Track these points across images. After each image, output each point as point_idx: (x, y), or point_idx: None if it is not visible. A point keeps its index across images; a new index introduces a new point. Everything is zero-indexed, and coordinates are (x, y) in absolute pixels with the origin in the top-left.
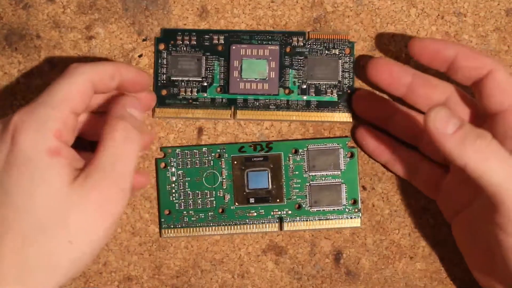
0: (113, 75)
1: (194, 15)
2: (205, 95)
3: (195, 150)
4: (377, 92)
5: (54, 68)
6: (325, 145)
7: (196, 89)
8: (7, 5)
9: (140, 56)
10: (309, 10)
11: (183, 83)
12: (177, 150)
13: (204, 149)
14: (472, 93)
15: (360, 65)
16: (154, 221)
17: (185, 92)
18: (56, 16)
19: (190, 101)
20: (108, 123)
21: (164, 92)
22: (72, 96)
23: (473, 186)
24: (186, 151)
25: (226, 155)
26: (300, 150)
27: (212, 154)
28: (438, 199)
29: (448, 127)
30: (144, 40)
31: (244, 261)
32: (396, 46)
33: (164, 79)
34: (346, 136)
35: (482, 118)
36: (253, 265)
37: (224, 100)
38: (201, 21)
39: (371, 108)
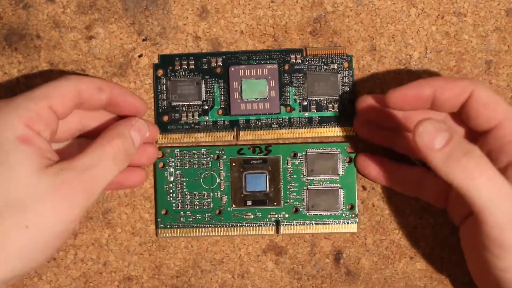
0: (101, 87)
1: (194, 15)
2: (207, 118)
3: (193, 151)
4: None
5: (54, 68)
6: (324, 149)
7: (197, 113)
8: (7, 5)
9: (140, 56)
10: (309, 10)
11: (184, 108)
12: (176, 150)
13: (202, 150)
14: None
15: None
16: (154, 221)
17: (187, 116)
18: (56, 16)
19: (192, 125)
20: (106, 133)
21: (165, 118)
22: (52, 94)
23: None
24: (184, 152)
25: (225, 157)
26: (299, 154)
27: (211, 156)
28: (447, 207)
29: (436, 141)
30: (144, 40)
31: (244, 261)
32: (396, 46)
33: (165, 105)
34: (345, 141)
35: (478, 135)
36: (253, 265)
37: (226, 122)
38: (201, 21)
39: (373, 132)
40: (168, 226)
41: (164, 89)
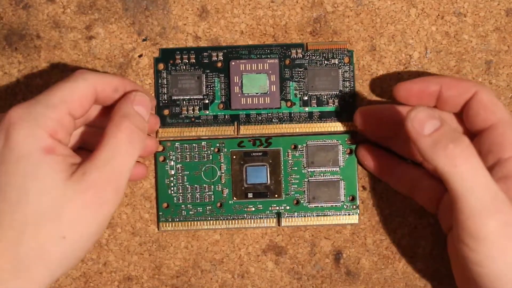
0: (117, 88)
1: (194, 15)
2: (207, 112)
3: (194, 144)
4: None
5: (54, 68)
6: (324, 141)
7: (198, 107)
8: (7, 5)
9: (140, 56)
10: (309, 10)
11: (184, 102)
12: (176, 143)
13: (203, 143)
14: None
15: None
16: (154, 221)
17: (187, 110)
18: (56, 16)
19: (193, 119)
20: (113, 120)
21: (166, 112)
22: (71, 99)
23: None
24: (185, 145)
25: (225, 150)
26: (299, 146)
27: (211, 148)
28: (437, 213)
29: (425, 127)
30: (144, 40)
31: (244, 261)
32: (396, 46)
33: (166, 99)
34: (345, 133)
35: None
36: (253, 265)
37: (226, 116)
38: (201, 21)
39: (373, 128)
40: (170, 220)
41: (165, 83)
